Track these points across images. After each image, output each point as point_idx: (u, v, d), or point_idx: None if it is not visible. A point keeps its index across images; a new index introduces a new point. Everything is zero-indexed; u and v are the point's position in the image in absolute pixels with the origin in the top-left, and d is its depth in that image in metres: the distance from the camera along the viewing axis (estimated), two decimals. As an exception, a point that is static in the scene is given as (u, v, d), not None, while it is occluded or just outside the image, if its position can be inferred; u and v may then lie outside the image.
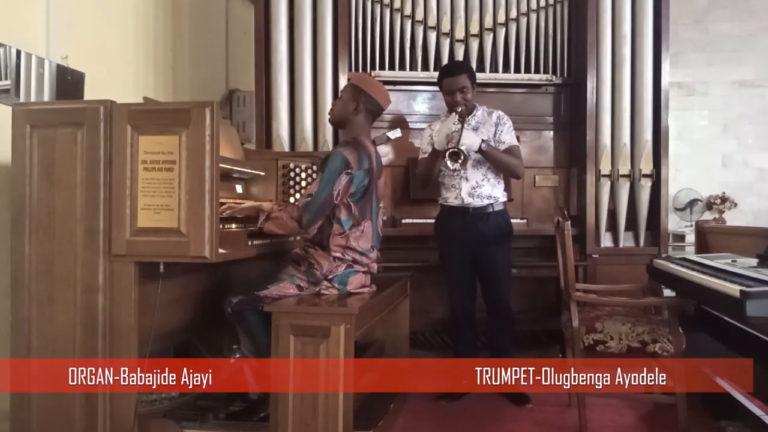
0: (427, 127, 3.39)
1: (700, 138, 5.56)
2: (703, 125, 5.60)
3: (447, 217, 3.27)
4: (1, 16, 2.54)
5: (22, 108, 2.25)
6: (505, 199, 3.29)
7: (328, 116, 2.87)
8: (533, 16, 3.90)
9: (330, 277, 2.52)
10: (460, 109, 3.14)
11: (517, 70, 3.89)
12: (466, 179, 3.19)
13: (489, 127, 3.23)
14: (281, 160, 3.21)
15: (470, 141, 3.05)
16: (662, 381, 2.95)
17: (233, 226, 2.48)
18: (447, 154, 3.01)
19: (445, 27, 3.87)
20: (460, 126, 3.06)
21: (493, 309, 3.28)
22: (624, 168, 3.77)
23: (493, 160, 3.15)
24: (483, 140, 3.10)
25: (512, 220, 3.34)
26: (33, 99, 2.66)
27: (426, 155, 3.27)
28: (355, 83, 2.69)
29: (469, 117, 3.21)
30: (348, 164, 2.46)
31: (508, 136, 3.25)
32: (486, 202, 3.19)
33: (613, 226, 3.84)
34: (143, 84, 3.63)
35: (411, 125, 3.95)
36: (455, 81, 3.19)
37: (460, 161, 3.01)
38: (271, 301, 2.42)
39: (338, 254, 2.53)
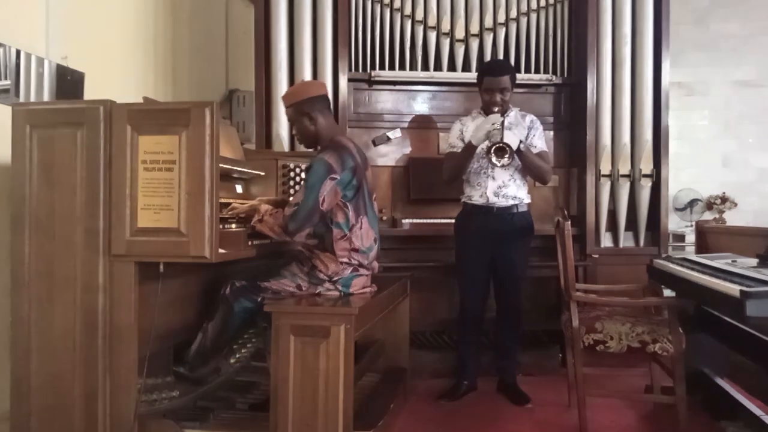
0: (457, 122, 3.34)
1: (700, 138, 5.56)
2: (703, 125, 5.60)
3: (469, 215, 3.25)
4: (1, 16, 2.54)
5: (22, 108, 2.25)
6: (529, 201, 3.28)
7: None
8: (533, 16, 3.91)
9: (335, 279, 2.54)
10: (497, 109, 3.11)
11: (517, 70, 3.88)
12: (493, 178, 3.16)
13: (521, 129, 3.20)
14: (281, 160, 3.21)
15: (510, 140, 2.99)
16: (662, 381, 2.97)
17: (233, 226, 2.49)
18: (493, 149, 2.97)
19: (445, 27, 3.87)
20: (501, 123, 3.01)
21: (504, 309, 3.27)
22: (624, 168, 3.77)
23: (528, 162, 3.13)
24: (521, 141, 3.08)
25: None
26: (33, 99, 2.66)
27: (455, 149, 3.24)
28: (290, 103, 2.64)
29: (503, 116, 3.17)
30: (331, 169, 2.45)
31: (540, 142, 3.23)
32: (511, 202, 3.18)
33: (613, 226, 3.84)
34: (143, 84, 3.63)
35: (411, 125, 3.95)
36: (497, 81, 3.14)
37: (506, 156, 2.96)
38: (269, 294, 2.48)
39: (345, 259, 2.55)
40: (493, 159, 2.98)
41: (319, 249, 2.57)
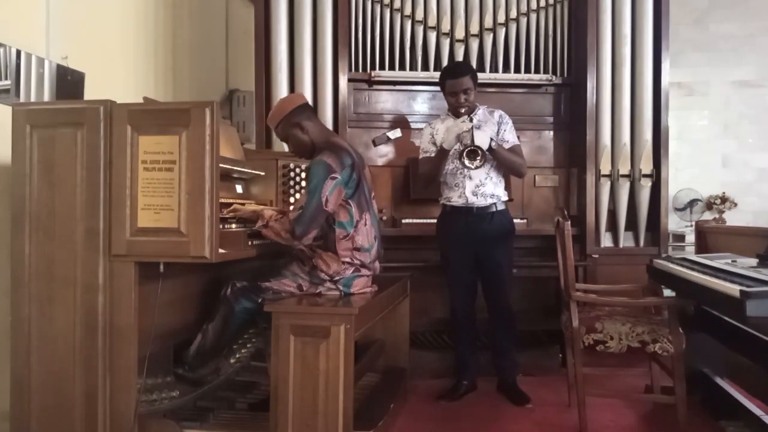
0: (427, 126, 3.38)
1: (700, 138, 5.56)
2: (703, 125, 5.61)
3: (450, 217, 3.26)
4: (1, 16, 2.54)
5: (22, 108, 2.25)
6: (507, 198, 3.29)
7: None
8: (533, 16, 3.91)
9: (336, 278, 2.54)
10: (463, 111, 3.15)
11: (517, 70, 3.90)
12: (470, 178, 3.17)
13: (491, 125, 3.23)
14: (281, 160, 3.21)
15: (481, 140, 3.02)
16: (662, 381, 2.97)
17: (233, 226, 2.49)
18: (465, 153, 2.99)
19: (445, 27, 3.87)
20: (470, 126, 3.04)
21: (494, 309, 3.27)
22: (624, 168, 3.77)
23: (501, 158, 3.15)
24: (491, 139, 3.09)
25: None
26: (33, 99, 2.65)
27: (428, 154, 3.26)
28: (277, 122, 2.65)
29: (471, 116, 3.21)
30: (330, 169, 2.46)
31: (511, 136, 3.25)
32: (489, 201, 3.19)
33: (613, 226, 3.84)
34: (143, 84, 3.63)
35: (411, 125, 3.95)
36: (459, 83, 3.17)
37: (479, 158, 2.99)
38: (270, 294, 2.48)
39: (347, 258, 2.55)
40: (466, 162, 3.01)
41: (321, 248, 2.57)
